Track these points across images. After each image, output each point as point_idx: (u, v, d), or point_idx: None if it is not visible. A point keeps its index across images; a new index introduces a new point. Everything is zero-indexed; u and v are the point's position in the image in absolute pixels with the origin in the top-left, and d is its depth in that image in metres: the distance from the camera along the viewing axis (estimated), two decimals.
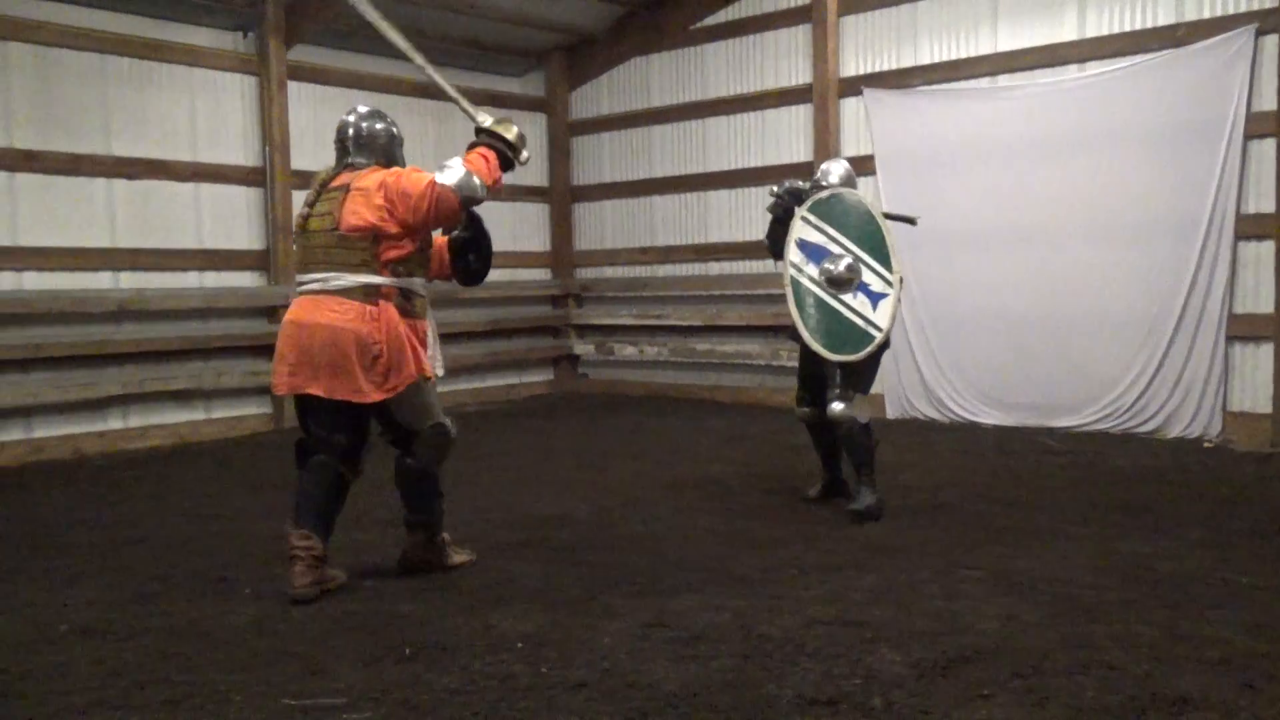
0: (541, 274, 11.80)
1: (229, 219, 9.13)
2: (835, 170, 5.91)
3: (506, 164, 4.58)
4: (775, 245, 5.91)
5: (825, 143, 9.54)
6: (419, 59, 4.80)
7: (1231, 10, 7.56)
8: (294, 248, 4.64)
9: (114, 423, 8.37)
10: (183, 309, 8.67)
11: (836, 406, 5.56)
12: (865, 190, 9.29)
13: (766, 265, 10.19)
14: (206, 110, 8.97)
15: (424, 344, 4.50)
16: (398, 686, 3.37)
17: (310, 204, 4.49)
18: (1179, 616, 3.91)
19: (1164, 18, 7.86)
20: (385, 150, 4.57)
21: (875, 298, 5.51)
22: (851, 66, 9.51)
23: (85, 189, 8.27)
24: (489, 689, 3.33)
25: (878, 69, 9.36)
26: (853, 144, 9.48)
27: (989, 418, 8.56)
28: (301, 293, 4.44)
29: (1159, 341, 7.80)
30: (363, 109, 4.68)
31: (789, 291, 5.69)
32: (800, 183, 5.92)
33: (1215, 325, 7.61)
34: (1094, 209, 8.04)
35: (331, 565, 4.45)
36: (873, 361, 5.67)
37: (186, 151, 8.84)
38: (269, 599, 4.34)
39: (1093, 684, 3.29)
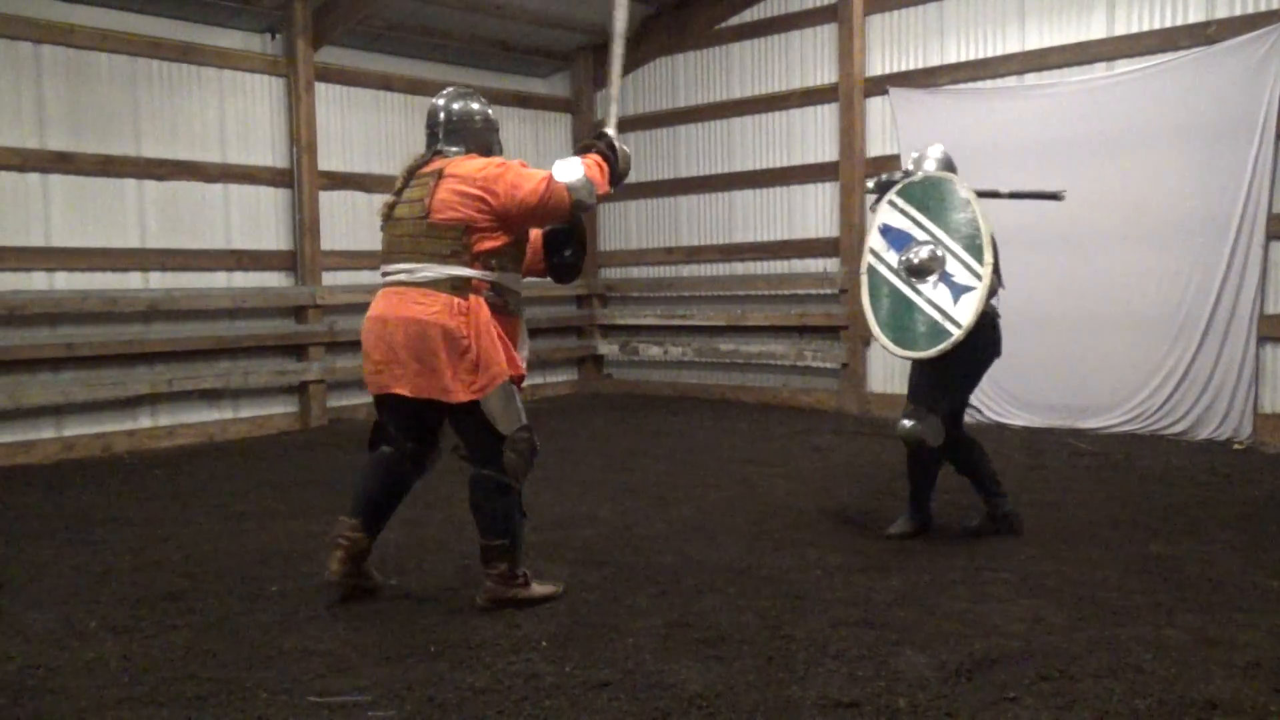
0: None
1: (257, 220, 9.21)
2: (931, 155, 5.48)
3: (615, 178, 4.34)
4: None
5: (851, 143, 9.51)
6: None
7: (1263, 7, 7.47)
8: (381, 237, 4.32)
9: (144, 421, 8.45)
10: (211, 309, 8.75)
11: (905, 424, 5.04)
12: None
13: (792, 265, 10.19)
14: (235, 112, 9.05)
15: (516, 343, 4.21)
16: (422, 684, 3.39)
17: (398, 191, 4.22)
18: (1208, 620, 3.88)
19: (1194, 15, 7.78)
20: (479, 136, 4.30)
21: (959, 290, 4.92)
22: (878, 66, 9.47)
23: (116, 190, 8.36)
24: (514, 688, 3.34)
25: (904, 68, 9.32)
26: (878, 144, 9.45)
27: (1017, 419, 8.50)
28: (386, 284, 4.18)
29: (1189, 342, 7.73)
30: (452, 90, 4.40)
31: (864, 280, 5.24)
32: (895, 175, 5.45)
33: (1246, 326, 7.53)
34: (1123, 209, 7.97)
35: (375, 568, 4.36)
36: (963, 374, 5.16)
37: (216, 153, 8.93)
38: (295, 596, 4.37)
39: (1120, 687, 3.26)
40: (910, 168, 5.49)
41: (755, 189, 10.47)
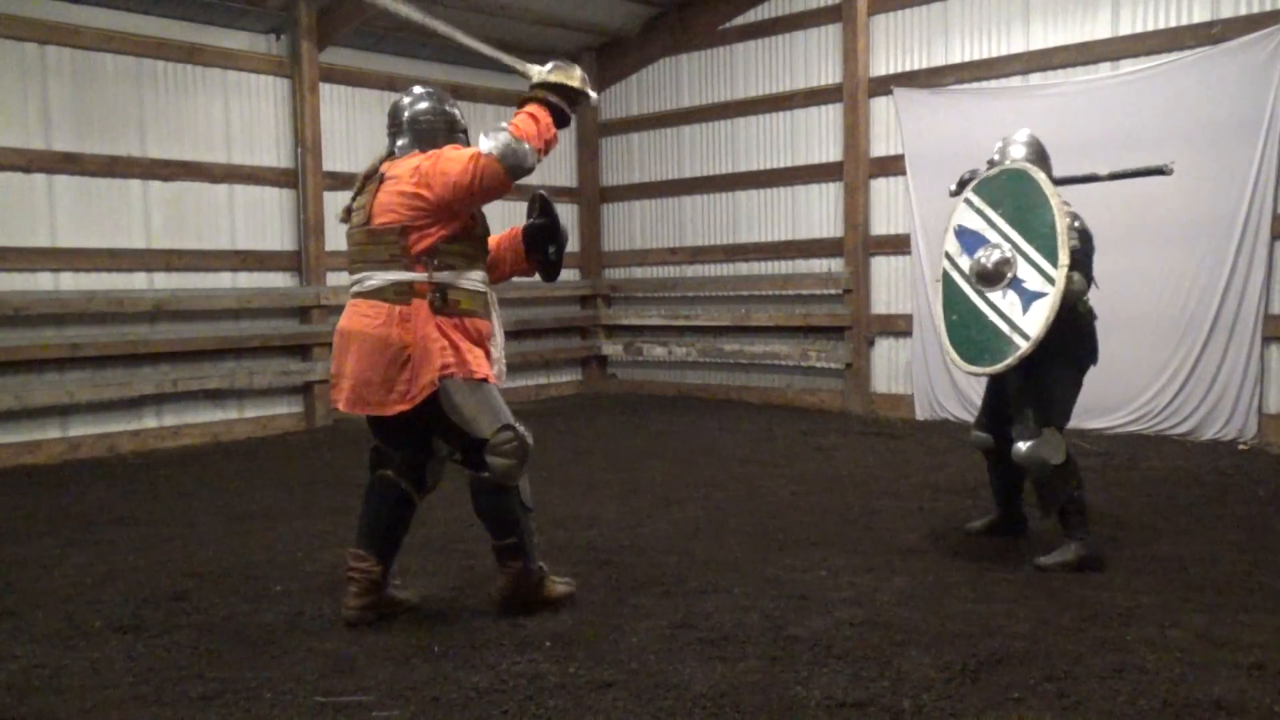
0: (570, 274, 11.82)
1: (262, 220, 9.22)
2: (1017, 140, 4.98)
3: (562, 118, 4.00)
4: None
5: (855, 143, 9.50)
6: (443, 27, 4.16)
7: (1269, 7, 7.46)
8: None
9: (149, 421, 8.47)
10: (216, 309, 8.76)
11: (1021, 448, 4.57)
12: (891, 191, 9.39)
13: (796, 266, 10.18)
14: (240, 112, 9.06)
15: (479, 342, 4.01)
16: (426, 684, 3.39)
17: (352, 198, 4.08)
18: (1213, 621, 3.87)
19: (1199, 14, 7.77)
20: (434, 135, 4.05)
21: (1029, 298, 4.41)
22: (882, 65, 9.47)
23: (121, 190, 8.37)
24: (517, 688, 3.35)
25: (908, 68, 9.31)
26: (883, 144, 9.44)
27: None
28: (350, 297, 4.08)
29: (1193, 342, 7.71)
30: (417, 90, 4.20)
31: (938, 288, 4.82)
32: (982, 170, 4.96)
33: (1251, 326, 7.51)
34: (1128, 209, 7.94)
35: (402, 588, 4.19)
36: (1067, 384, 4.74)
37: (221, 153, 8.94)
38: (300, 596, 4.38)
39: (1126, 688, 3.26)
40: (995, 157, 4.98)
41: (759, 189, 10.46)
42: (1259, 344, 7.51)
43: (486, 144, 3.81)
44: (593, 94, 4.09)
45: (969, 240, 4.73)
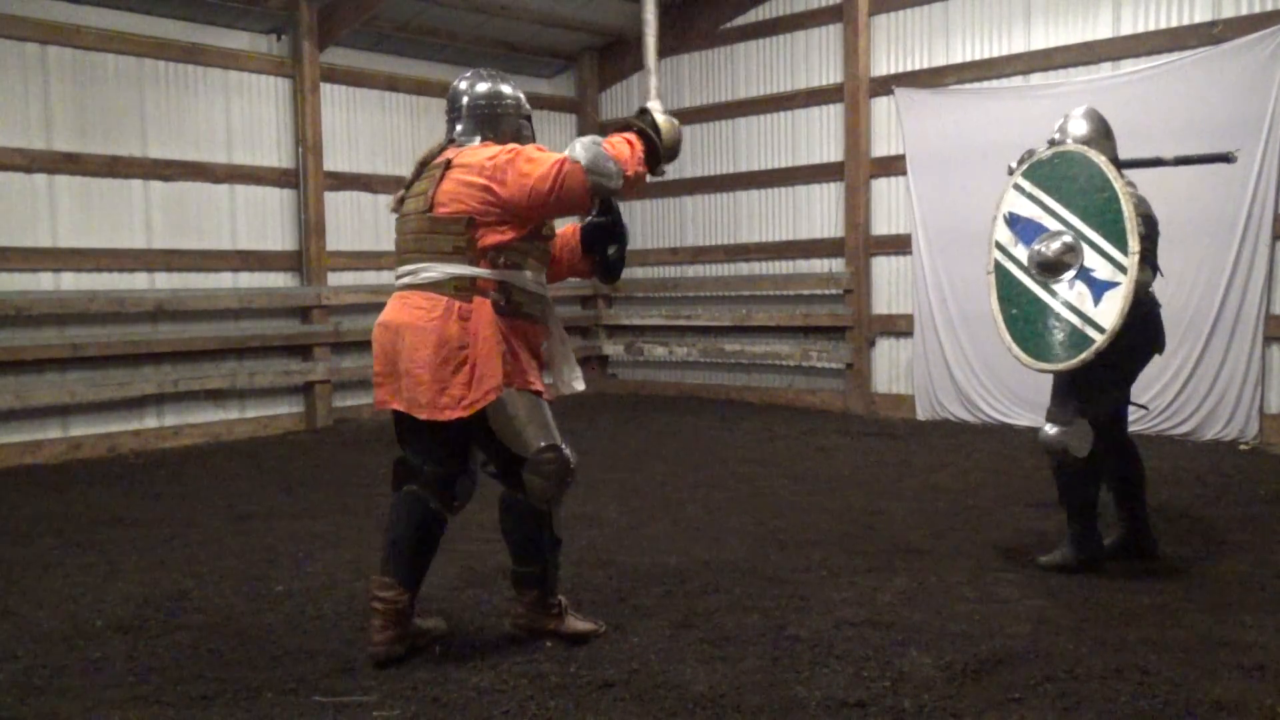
0: None
1: (263, 220, 9.22)
2: (1077, 120, 4.68)
3: (652, 162, 3.75)
4: None
5: (856, 143, 9.50)
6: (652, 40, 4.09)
7: (1270, 7, 7.45)
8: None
9: (150, 421, 8.47)
10: (217, 309, 8.76)
11: (1049, 431, 4.39)
12: (892, 191, 9.39)
13: (797, 266, 10.18)
14: (241, 112, 9.07)
15: (536, 352, 3.80)
16: (428, 685, 3.39)
17: (407, 185, 3.81)
18: (1215, 621, 3.87)
19: (1200, 14, 7.76)
20: (502, 123, 3.82)
21: (1100, 288, 4.13)
22: (883, 65, 9.46)
23: (122, 191, 8.37)
24: (518, 688, 3.35)
25: (909, 68, 9.30)
26: (884, 144, 9.44)
27: (1022, 419, 8.48)
28: (397, 287, 3.79)
29: (1195, 343, 7.71)
30: (475, 72, 3.94)
31: (991, 281, 4.50)
32: (1041, 150, 4.65)
33: (1252, 326, 7.51)
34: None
35: (428, 615, 3.90)
36: (1120, 375, 4.50)
37: (222, 153, 8.94)
38: (301, 596, 4.38)
39: (1127, 689, 3.26)
40: (1056, 136, 4.68)
41: (760, 189, 10.46)
42: (1260, 344, 7.50)
43: (577, 152, 3.57)
44: (667, 167, 3.86)
45: (1024, 228, 4.42)
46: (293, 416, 9.29)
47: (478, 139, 3.78)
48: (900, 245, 9.34)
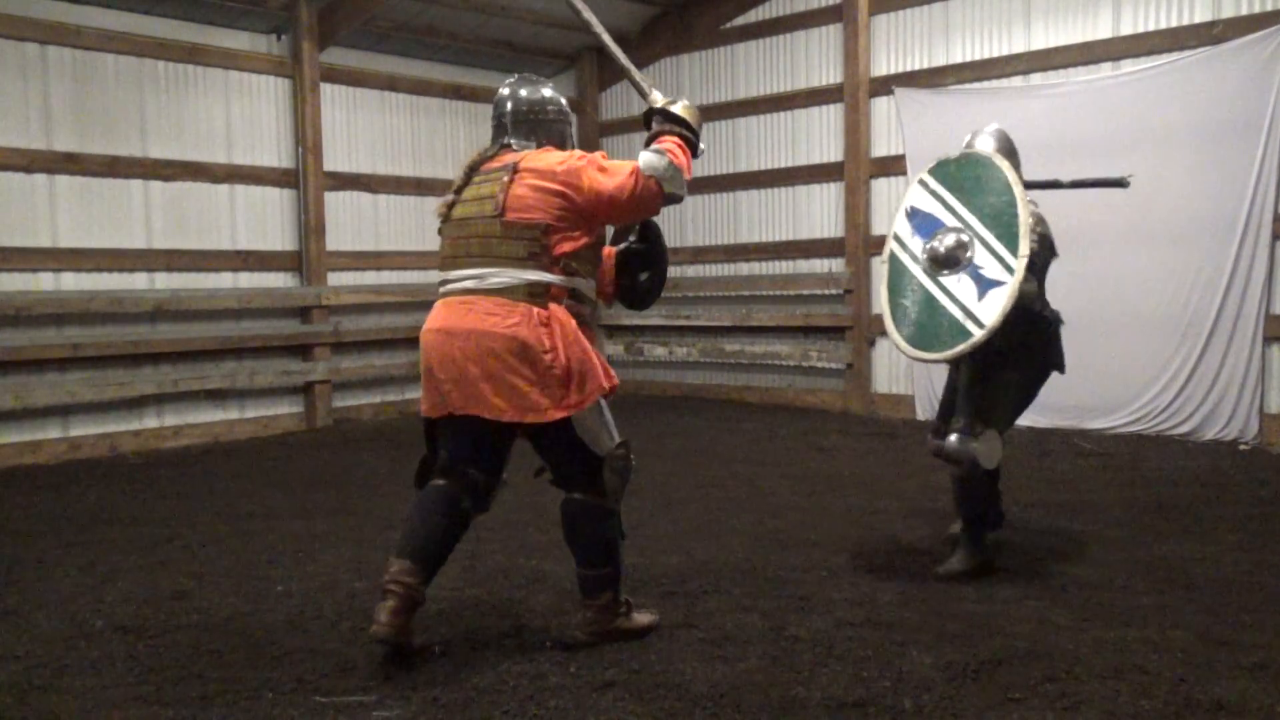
0: None
1: (263, 220, 9.22)
2: (984, 138, 4.91)
3: (694, 154, 3.83)
4: None
5: (856, 143, 9.50)
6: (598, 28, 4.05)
7: (1270, 7, 7.45)
8: (440, 242, 3.83)
9: (150, 421, 8.47)
10: (217, 309, 8.77)
11: (953, 440, 4.49)
12: (892, 191, 9.39)
13: (797, 266, 10.18)
14: (241, 112, 9.07)
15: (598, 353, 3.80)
16: (428, 684, 3.39)
17: (458, 190, 3.77)
18: (1215, 621, 3.87)
19: (1200, 15, 7.77)
20: (552, 128, 3.85)
21: (986, 285, 4.28)
22: (883, 66, 9.47)
23: (122, 191, 8.37)
24: (519, 688, 3.35)
25: (909, 68, 9.31)
26: (884, 144, 9.44)
27: (1022, 419, 8.44)
28: (447, 293, 3.71)
29: (1195, 343, 7.71)
30: (520, 77, 3.95)
31: (884, 270, 4.64)
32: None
33: (1252, 326, 7.51)
34: (1129, 209, 7.94)
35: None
36: (1024, 389, 4.70)
37: (221, 153, 8.94)
38: (301, 596, 4.38)
39: (1126, 689, 3.26)
40: (965, 148, 4.90)
41: (760, 189, 10.46)
42: (1260, 344, 7.50)
43: (650, 163, 3.61)
44: (703, 144, 3.90)
45: (921, 222, 4.56)
46: (293, 416, 9.29)
47: (533, 144, 3.79)
48: None
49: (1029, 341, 4.40)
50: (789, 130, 10.21)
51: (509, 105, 3.84)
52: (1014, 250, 4.26)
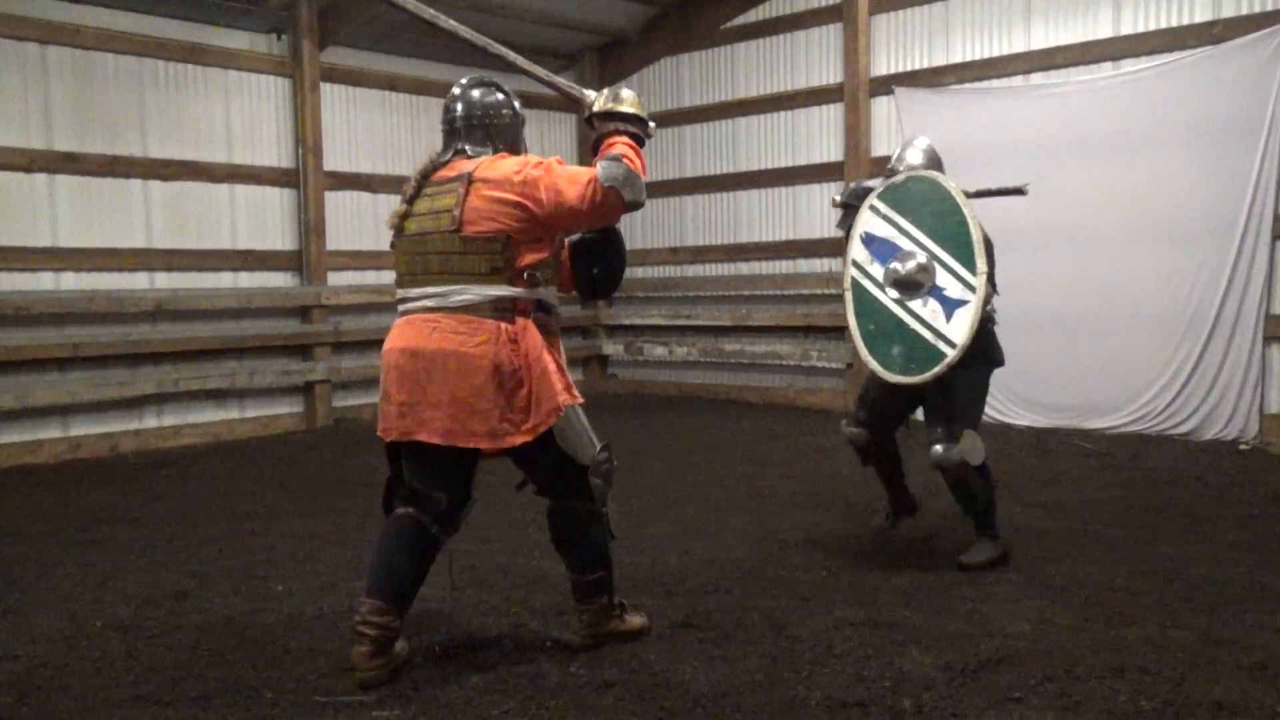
0: None
1: (263, 220, 9.22)
2: (918, 146, 5.02)
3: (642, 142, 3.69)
4: None
5: (856, 143, 9.50)
6: (479, 40, 3.77)
7: (1270, 7, 7.45)
8: (396, 255, 3.66)
9: (150, 421, 8.47)
10: (217, 309, 8.76)
11: (939, 450, 4.58)
12: None
13: (797, 265, 10.18)
14: (241, 112, 9.06)
15: (563, 362, 3.67)
16: (427, 684, 3.39)
17: (409, 200, 3.61)
18: (1214, 621, 3.87)
19: (1200, 14, 7.77)
20: (507, 133, 3.69)
21: (951, 305, 4.42)
22: (883, 65, 9.47)
23: (122, 190, 8.37)
24: (518, 688, 3.34)
25: (909, 68, 9.31)
26: (884, 144, 9.44)
27: (1022, 419, 8.49)
28: (407, 311, 3.58)
29: (1195, 342, 7.71)
30: (472, 79, 3.77)
31: (847, 297, 4.72)
32: (868, 182, 5.03)
33: (1252, 326, 7.51)
34: (1129, 208, 7.96)
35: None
36: (979, 386, 4.79)
37: (222, 153, 8.94)
38: (301, 596, 4.38)
39: (1126, 689, 3.26)
40: (893, 164, 5.00)
41: (760, 189, 10.46)
42: (1260, 344, 7.50)
43: (610, 173, 3.45)
44: (653, 124, 3.76)
45: (879, 248, 4.65)
46: (293, 416, 9.29)
47: (489, 150, 3.64)
48: None
49: (977, 342, 4.51)
50: (789, 130, 10.21)
51: (460, 108, 3.67)
52: (971, 269, 4.42)
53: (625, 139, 3.62)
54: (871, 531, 5.26)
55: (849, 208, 4.94)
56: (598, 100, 3.70)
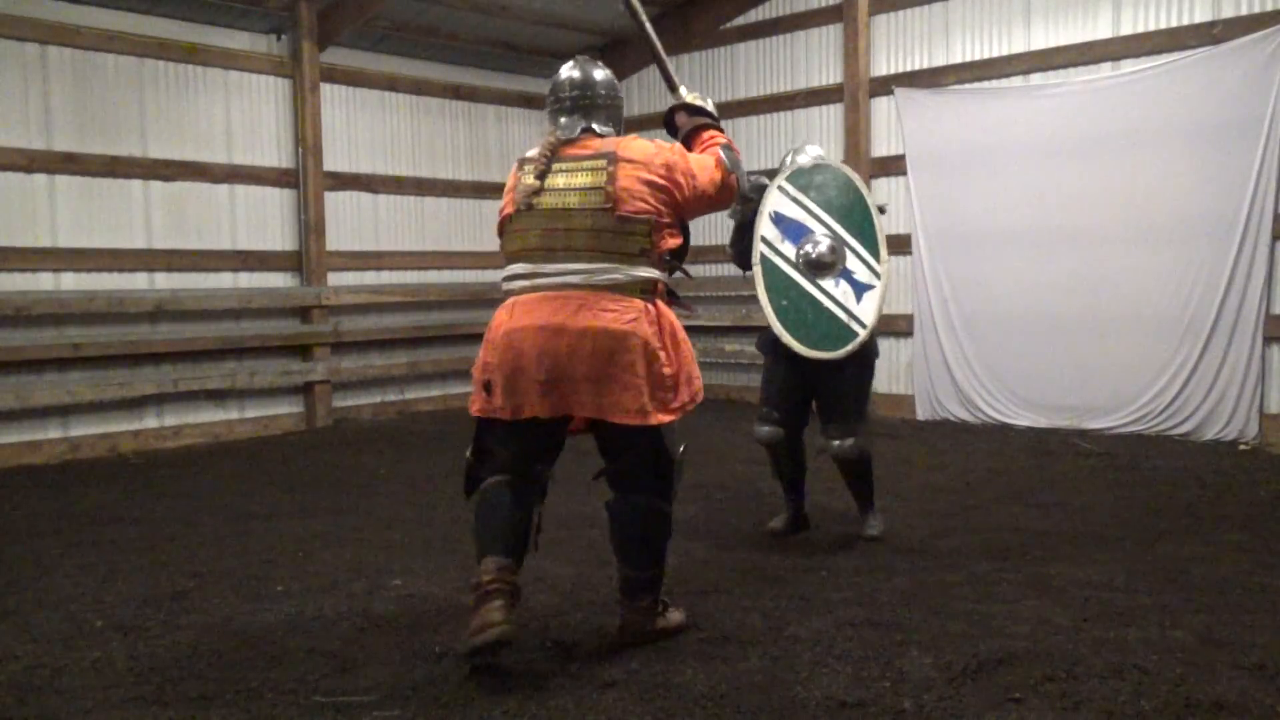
0: None
1: (263, 220, 9.22)
2: (806, 155, 5.20)
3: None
4: (743, 255, 5.10)
5: (856, 143, 9.50)
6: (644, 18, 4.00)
7: (1270, 7, 7.45)
8: (514, 230, 3.59)
9: (150, 422, 8.47)
10: (217, 309, 8.76)
11: (849, 444, 4.90)
12: (892, 192, 9.39)
13: None
14: (241, 112, 9.07)
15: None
16: (427, 684, 3.39)
17: (541, 175, 3.55)
18: (1214, 621, 3.87)
19: (1200, 15, 7.76)
20: (619, 113, 3.76)
21: (860, 288, 4.73)
22: (883, 66, 9.47)
23: (122, 191, 8.37)
24: (519, 688, 3.34)
25: (909, 68, 9.31)
26: (884, 144, 9.44)
27: (1022, 419, 8.49)
28: (540, 287, 3.50)
29: (1195, 342, 7.71)
30: (582, 58, 3.81)
31: (758, 272, 4.88)
32: (765, 179, 5.15)
33: (1252, 326, 7.50)
34: (1129, 209, 7.96)
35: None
36: (866, 377, 5.10)
37: (222, 153, 8.94)
38: (301, 596, 4.38)
39: (1126, 689, 3.26)
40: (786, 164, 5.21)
41: None
42: (1260, 344, 7.50)
43: (731, 159, 3.61)
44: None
45: (789, 228, 4.88)
46: (293, 416, 9.29)
47: (612, 129, 3.68)
48: (900, 245, 9.32)
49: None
50: (789, 130, 10.21)
51: (584, 87, 3.66)
52: (876, 256, 4.80)
53: (721, 134, 3.79)
54: (766, 533, 5.33)
55: (747, 200, 5.02)
56: (688, 95, 3.89)
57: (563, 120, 3.68)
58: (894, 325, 9.47)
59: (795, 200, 4.90)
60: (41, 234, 7.95)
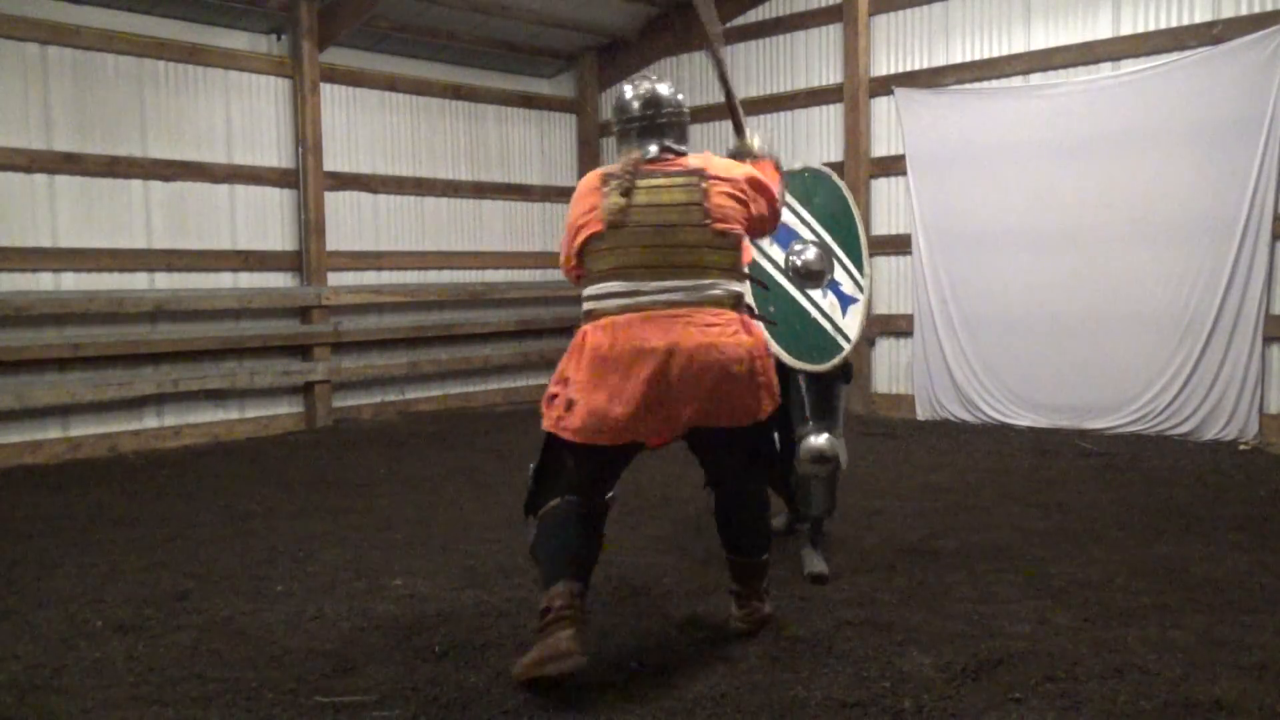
0: None
1: (263, 220, 9.22)
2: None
3: None
4: None
5: (856, 143, 9.50)
6: (721, 51, 4.23)
7: (1270, 7, 7.45)
8: (604, 249, 3.57)
9: (150, 421, 8.47)
10: (217, 309, 8.76)
11: (827, 441, 4.60)
12: (892, 192, 9.40)
13: None
14: (241, 112, 9.06)
15: None
16: (427, 685, 3.39)
17: (625, 193, 3.53)
18: (1214, 621, 3.87)
19: (1200, 15, 7.76)
20: (688, 130, 3.89)
21: (845, 300, 4.65)
22: (883, 66, 9.46)
23: (122, 191, 8.37)
24: (518, 688, 3.34)
25: (909, 68, 9.30)
26: (884, 144, 9.44)
27: (1022, 419, 8.49)
28: (641, 305, 3.47)
29: (1195, 342, 7.71)
30: (650, 75, 3.93)
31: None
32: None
33: (1252, 326, 7.50)
34: (1129, 209, 7.96)
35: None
36: (842, 390, 4.89)
37: (222, 153, 8.94)
38: (301, 596, 4.38)
39: (1126, 689, 3.26)
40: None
41: None
42: (1260, 344, 7.50)
43: (784, 185, 3.84)
44: None
45: (779, 232, 4.59)
46: (293, 416, 9.29)
47: (686, 147, 3.78)
48: (900, 245, 9.34)
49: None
50: (789, 130, 10.20)
51: (658, 105, 3.74)
52: (860, 269, 4.69)
53: (773, 165, 3.95)
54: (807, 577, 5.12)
55: None
56: (756, 142, 4.02)
57: (638, 140, 3.74)
58: (894, 325, 9.47)
59: (787, 205, 4.74)
60: (42, 234, 7.95)
